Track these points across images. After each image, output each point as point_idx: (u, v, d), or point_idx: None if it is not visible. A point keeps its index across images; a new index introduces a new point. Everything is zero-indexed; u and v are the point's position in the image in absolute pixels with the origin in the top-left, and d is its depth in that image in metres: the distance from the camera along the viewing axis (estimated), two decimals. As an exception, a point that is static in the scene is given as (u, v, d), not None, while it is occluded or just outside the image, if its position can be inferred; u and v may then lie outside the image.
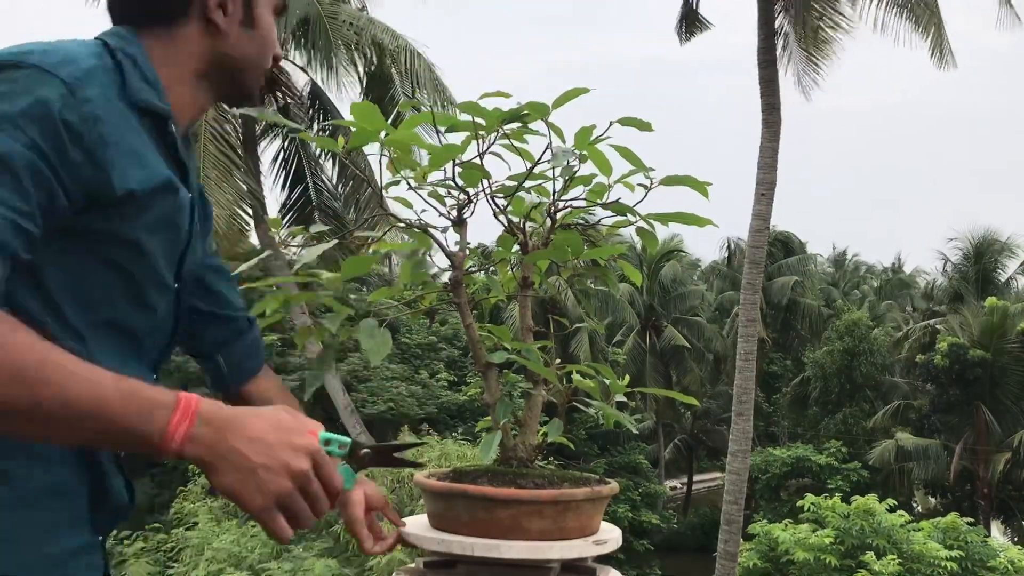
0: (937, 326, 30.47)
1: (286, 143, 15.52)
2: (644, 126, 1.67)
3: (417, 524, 1.68)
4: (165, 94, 1.24)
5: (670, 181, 1.75)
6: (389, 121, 1.57)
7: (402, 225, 1.77)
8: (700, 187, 1.76)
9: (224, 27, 1.30)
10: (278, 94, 15.53)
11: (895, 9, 15.46)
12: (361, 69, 14.72)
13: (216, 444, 1.00)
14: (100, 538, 1.22)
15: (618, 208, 1.76)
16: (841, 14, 15.81)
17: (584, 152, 1.68)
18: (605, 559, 1.77)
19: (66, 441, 1.03)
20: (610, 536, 1.70)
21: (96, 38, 1.24)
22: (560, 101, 1.63)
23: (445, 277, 1.74)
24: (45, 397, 0.94)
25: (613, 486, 1.73)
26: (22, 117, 1.05)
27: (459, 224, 1.73)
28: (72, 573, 1.14)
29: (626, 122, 1.66)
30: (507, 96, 1.61)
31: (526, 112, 1.61)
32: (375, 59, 14.50)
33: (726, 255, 38.16)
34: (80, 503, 1.17)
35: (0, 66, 1.09)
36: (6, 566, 1.07)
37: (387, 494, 10.87)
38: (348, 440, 1.17)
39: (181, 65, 1.28)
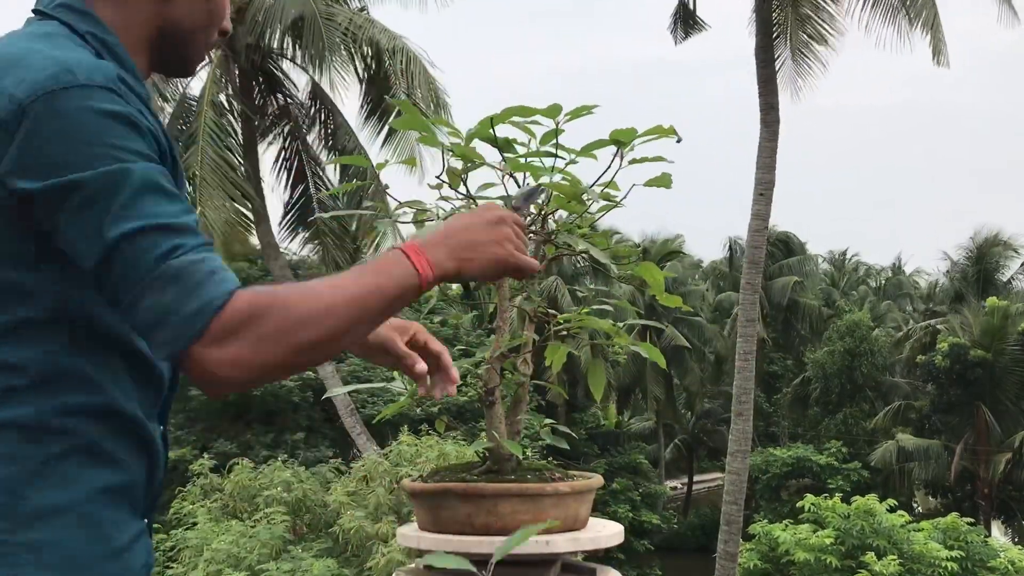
0: (938, 326, 30.47)
1: (287, 143, 15.52)
2: (668, 132, 1.76)
3: (411, 530, 1.68)
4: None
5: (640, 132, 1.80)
6: (388, 120, 1.62)
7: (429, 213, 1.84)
8: (668, 132, 1.79)
9: None
10: (279, 95, 15.54)
11: (892, 8, 15.46)
12: (360, 69, 14.71)
13: (451, 250, 1.19)
14: (146, 521, 1.26)
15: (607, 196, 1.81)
16: (833, 16, 15.84)
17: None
18: (605, 559, 1.76)
19: (371, 329, 1.21)
20: (605, 532, 1.69)
21: (52, 15, 1.20)
22: (571, 116, 1.73)
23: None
24: (331, 321, 1.10)
25: (595, 479, 1.72)
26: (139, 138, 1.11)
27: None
28: (132, 558, 1.19)
29: (651, 183, 1.79)
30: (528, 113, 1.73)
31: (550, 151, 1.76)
32: (373, 59, 14.50)
33: (727, 255, 38.13)
34: (138, 493, 1.22)
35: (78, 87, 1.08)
36: (89, 562, 1.13)
37: (386, 495, 10.89)
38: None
39: (131, 32, 1.24)
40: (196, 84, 14.66)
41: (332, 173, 15.71)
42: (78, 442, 1.14)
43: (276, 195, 15.62)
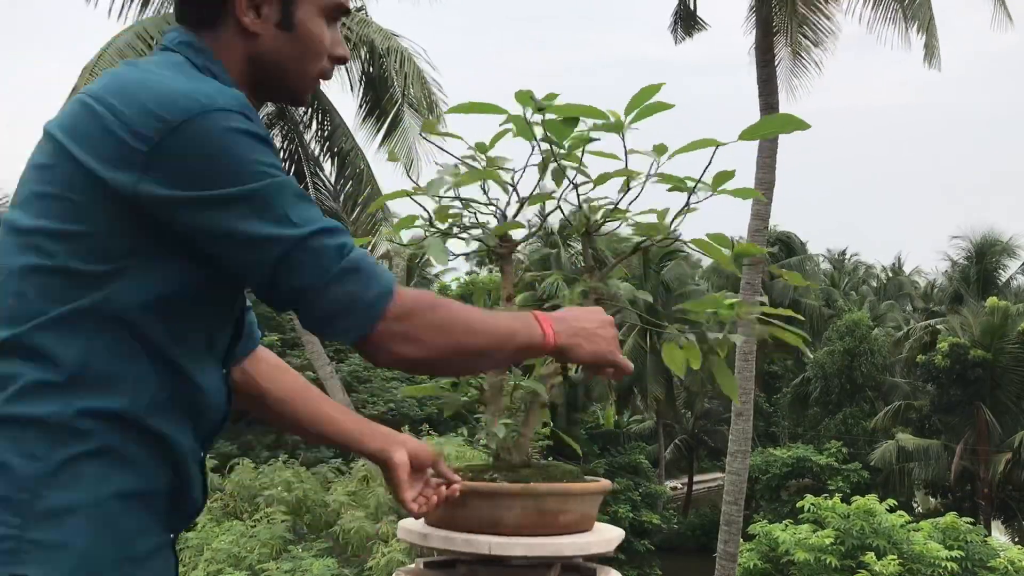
0: (938, 326, 30.45)
1: (285, 143, 15.51)
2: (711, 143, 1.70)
3: (416, 525, 1.68)
4: None
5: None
6: (388, 120, 1.61)
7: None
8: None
9: (256, 29, 1.33)
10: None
11: (891, 8, 15.47)
12: (357, 70, 14.71)
13: (570, 331, 1.37)
14: (172, 536, 1.30)
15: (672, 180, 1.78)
16: (831, 16, 15.85)
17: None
18: (605, 559, 1.76)
19: (495, 365, 1.40)
20: (610, 535, 1.69)
21: (176, 51, 1.31)
22: (637, 117, 1.73)
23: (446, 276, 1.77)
24: (480, 338, 1.29)
25: (604, 483, 1.72)
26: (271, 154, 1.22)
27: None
28: (152, 567, 1.23)
29: (738, 193, 1.80)
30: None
31: (598, 137, 1.73)
32: (370, 60, 14.49)
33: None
34: (160, 504, 1.24)
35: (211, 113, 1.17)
36: (101, 565, 1.16)
37: (387, 495, 10.87)
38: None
39: (233, 67, 1.34)
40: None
41: (330, 173, 15.70)
42: (99, 445, 1.17)
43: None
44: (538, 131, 1.71)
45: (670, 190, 1.78)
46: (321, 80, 1.42)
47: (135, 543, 1.19)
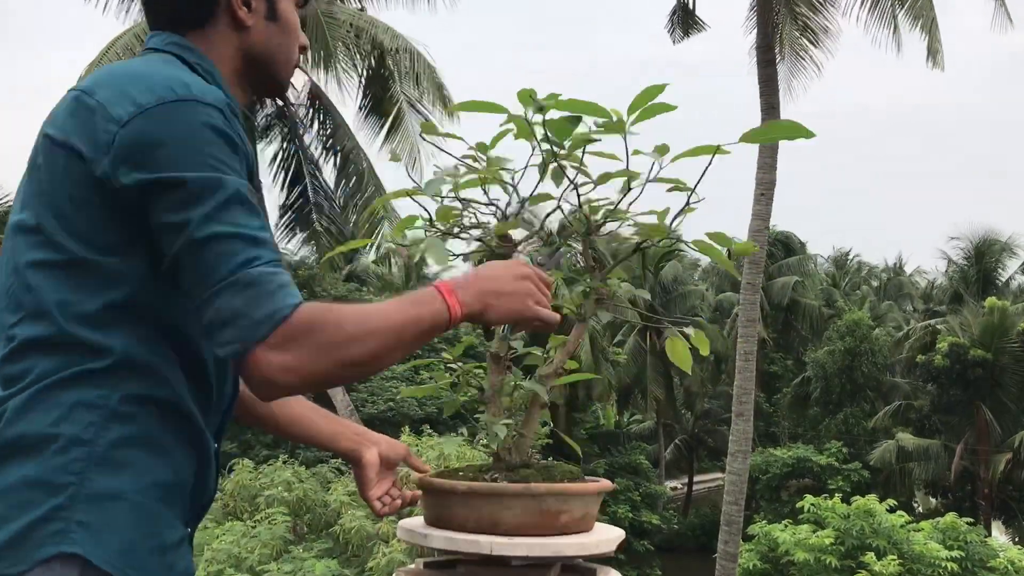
0: (938, 326, 30.45)
1: (285, 143, 15.50)
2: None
3: (416, 524, 1.68)
4: None
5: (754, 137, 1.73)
6: (388, 121, 1.61)
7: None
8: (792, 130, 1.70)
9: (250, 22, 1.38)
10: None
11: (891, 9, 15.47)
12: (360, 69, 14.69)
13: (478, 294, 1.32)
14: (189, 530, 1.31)
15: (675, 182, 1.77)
16: (832, 16, 15.86)
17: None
18: (605, 559, 1.76)
19: (405, 355, 1.30)
20: (610, 535, 1.69)
21: (163, 51, 1.33)
22: (639, 118, 1.70)
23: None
24: (374, 342, 1.23)
25: (604, 483, 1.72)
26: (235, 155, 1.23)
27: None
28: (178, 559, 1.25)
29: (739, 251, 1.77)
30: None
31: (598, 138, 1.70)
32: (374, 59, 14.48)
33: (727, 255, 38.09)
34: (184, 497, 1.28)
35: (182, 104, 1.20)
36: (141, 551, 1.19)
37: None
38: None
39: (225, 66, 1.37)
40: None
41: (330, 174, 15.70)
42: (141, 431, 1.21)
43: (272, 196, 15.57)
44: (539, 131, 1.71)
45: (669, 191, 1.77)
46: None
47: (168, 533, 1.23)
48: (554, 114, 1.69)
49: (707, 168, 1.71)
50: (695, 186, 1.76)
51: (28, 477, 1.15)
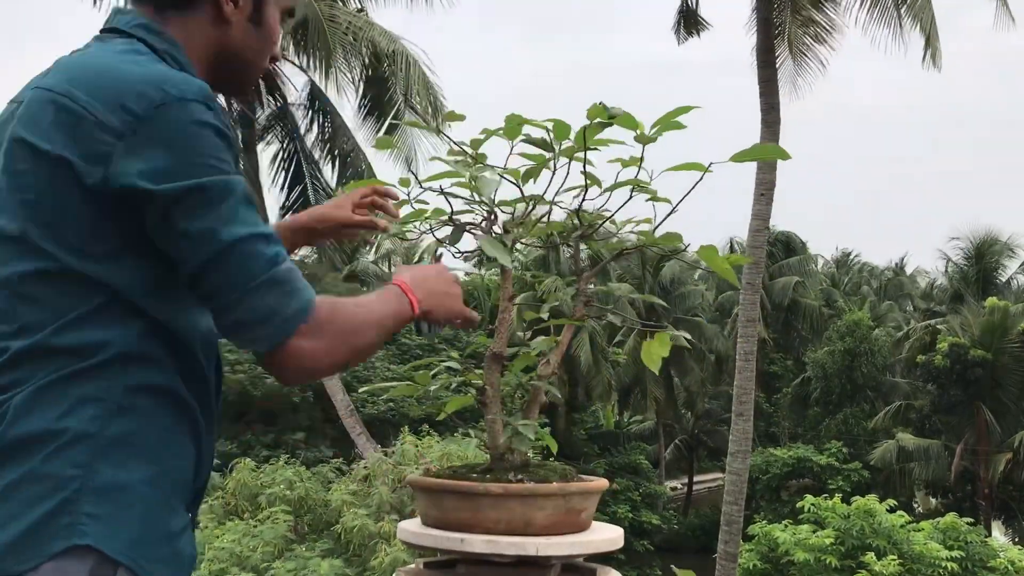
0: (938, 326, 30.45)
1: (285, 144, 15.51)
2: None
3: (416, 525, 1.69)
4: None
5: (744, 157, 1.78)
6: (387, 122, 1.63)
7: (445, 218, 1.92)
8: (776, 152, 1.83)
9: (232, 19, 1.37)
10: (277, 97, 15.53)
11: (892, 9, 15.47)
12: (359, 71, 14.71)
13: (429, 296, 1.44)
14: (191, 516, 1.34)
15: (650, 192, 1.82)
16: (833, 16, 15.86)
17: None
18: (605, 559, 1.77)
19: (382, 344, 1.40)
20: (610, 535, 1.70)
21: (132, 34, 1.31)
22: (658, 132, 1.80)
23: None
24: (371, 332, 1.33)
25: (600, 482, 1.73)
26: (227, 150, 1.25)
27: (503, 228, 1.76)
28: (184, 546, 1.27)
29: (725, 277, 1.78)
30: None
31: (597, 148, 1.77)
32: (372, 62, 14.49)
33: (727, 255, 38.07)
34: (187, 484, 1.31)
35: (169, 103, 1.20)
36: (150, 539, 1.21)
37: (389, 493, 10.88)
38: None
39: (194, 52, 1.36)
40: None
41: (329, 174, 15.71)
42: (143, 422, 1.23)
43: (272, 196, 15.57)
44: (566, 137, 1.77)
45: (649, 200, 1.84)
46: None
47: (174, 521, 1.26)
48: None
49: (695, 185, 1.79)
50: (679, 202, 1.82)
51: (35, 473, 1.16)
